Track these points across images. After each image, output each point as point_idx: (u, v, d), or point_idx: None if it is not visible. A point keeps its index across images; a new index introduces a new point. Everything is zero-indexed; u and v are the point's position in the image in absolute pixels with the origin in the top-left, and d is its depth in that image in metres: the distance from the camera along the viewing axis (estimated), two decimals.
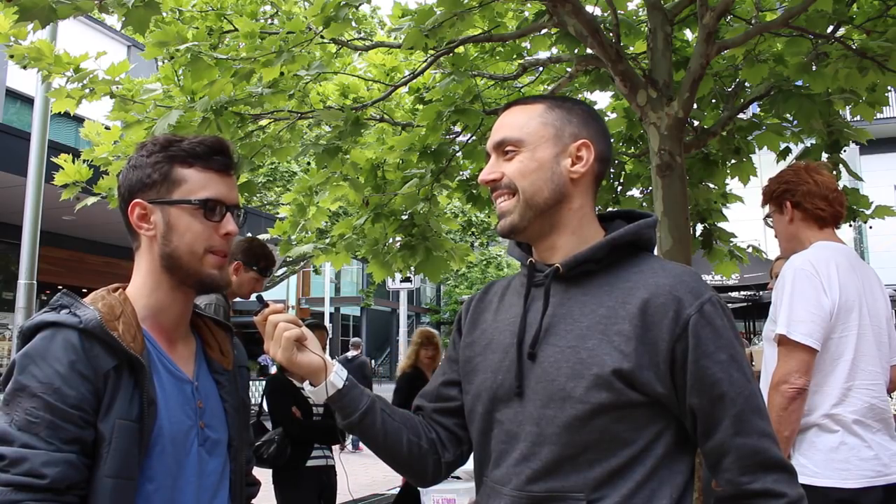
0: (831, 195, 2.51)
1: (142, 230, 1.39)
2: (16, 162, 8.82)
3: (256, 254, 3.47)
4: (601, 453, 1.23)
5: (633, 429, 1.24)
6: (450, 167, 4.51)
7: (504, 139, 1.35)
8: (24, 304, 5.89)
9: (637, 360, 1.22)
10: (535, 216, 1.33)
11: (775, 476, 1.23)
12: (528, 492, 1.25)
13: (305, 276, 28.45)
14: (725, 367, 1.23)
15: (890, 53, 3.53)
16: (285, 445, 3.94)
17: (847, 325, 2.33)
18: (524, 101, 1.40)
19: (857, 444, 2.28)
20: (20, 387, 1.23)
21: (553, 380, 1.25)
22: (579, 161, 1.33)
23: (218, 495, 1.40)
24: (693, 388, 1.23)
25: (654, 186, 3.33)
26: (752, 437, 1.23)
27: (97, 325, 1.26)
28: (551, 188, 1.32)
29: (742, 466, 1.23)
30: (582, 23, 3.27)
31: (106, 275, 12.06)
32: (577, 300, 1.30)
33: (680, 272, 1.29)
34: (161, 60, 4.03)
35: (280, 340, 1.33)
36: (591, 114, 1.39)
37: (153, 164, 1.39)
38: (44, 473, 1.18)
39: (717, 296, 1.29)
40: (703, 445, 1.27)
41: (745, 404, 1.24)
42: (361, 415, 1.37)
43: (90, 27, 15.99)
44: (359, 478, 9.44)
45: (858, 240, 18.24)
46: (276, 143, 4.25)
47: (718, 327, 1.24)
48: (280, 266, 18.92)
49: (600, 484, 1.22)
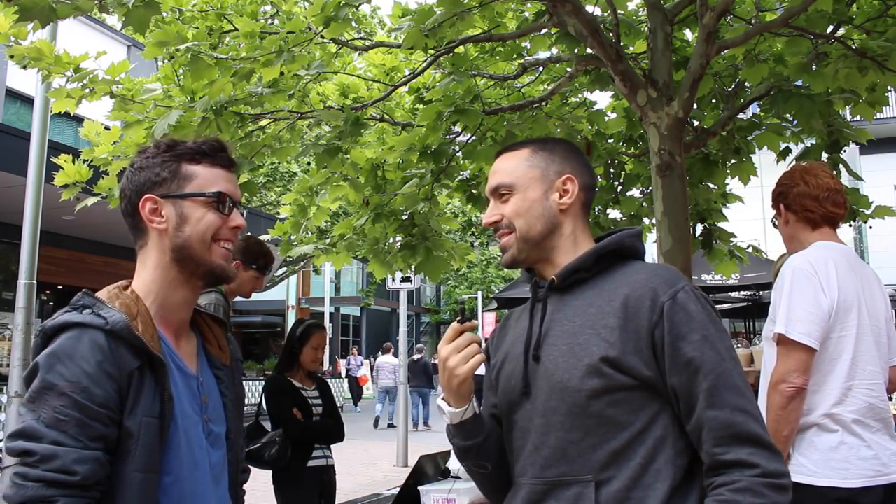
0: (822, 195, 2.51)
1: (153, 223, 1.43)
2: (16, 162, 8.82)
3: (255, 252, 3.48)
4: (601, 437, 1.34)
5: (629, 412, 1.35)
6: (450, 167, 4.51)
7: (499, 185, 1.54)
8: (24, 304, 5.89)
9: (622, 347, 1.35)
10: (531, 248, 1.51)
11: (750, 449, 1.28)
12: (543, 478, 1.38)
13: (305, 276, 28.45)
14: (698, 346, 1.33)
15: (890, 53, 3.53)
16: (286, 447, 3.93)
17: (846, 325, 2.34)
18: (512, 147, 1.59)
19: (857, 443, 2.28)
20: (48, 385, 1.26)
21: (553, 374, 1.40)
22: (566, 193, 1.52)
23: (221, 484, 1.47)
24: (671, 369, 1.34)
25: (654, 186, 3.33)
26: (725, 410, 1.30)
27: (124, 327, 1.31)
28: (543, 222, 1.51)
29: (715, 438, 1.30)
30: (582, 23, 3.27)
31: (106, 275, 12.04)
32: (572, 304, 1.45)
33: (656, 268, 1.45)
34: (161, 60, 4.03)
35: (469, 358, 1.44)
36: (572, 149, 1.58)
37: (161, 163, 1.45)
38: (75, 470, 1.22)
39: (692, 286, 1.41)
40: (686, 426, 1.35)
41: (716, 380, 1.31)
42: (484, 438, 1.51)
43: (90, 27, 15.99)
44: (359, 478, 9.44)
45: (858, 240, 18.24)
46: (276, 143, 4.25)
47: (691, 311, 1.36)
48: (280, 266, 18.93)
49: (605, 466, 1.33)
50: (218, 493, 1.45)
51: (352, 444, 11.06)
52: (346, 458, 5.28)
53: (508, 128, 4.28)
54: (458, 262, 5.05)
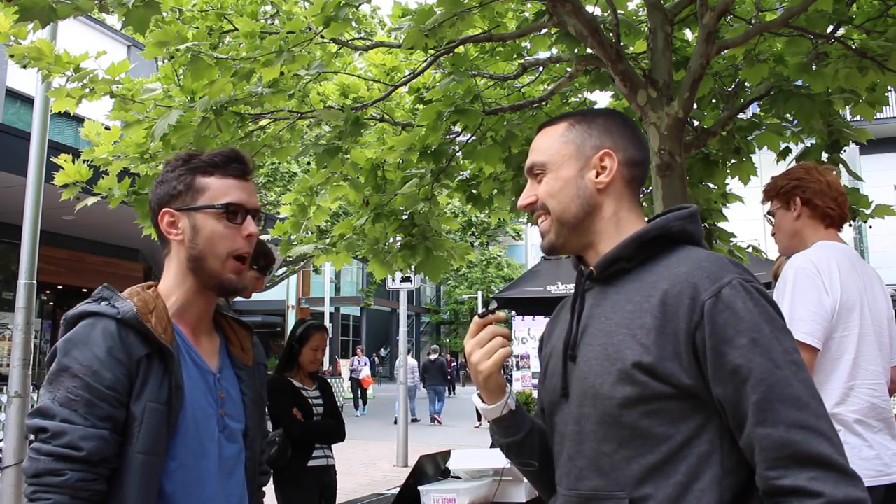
0: (840, 197, 2.52)
1: (171, 235, 1.54)
2: (16, 162, 8.81)
3: (255, 252, 3.47)
4: (636, 449, 1.21)
5: (667, 423, 1.20)
6: (450, 167, 4.51)
7: (533, 164, 1.41)
8: (24, 304, 5.88)
9: (658, 352, 1.20)
10: (569, 232, 1.38)
11: (812, 473, 1.10)
12: (577, 490, 1.28)
13: (305, 276, 28.46)
14: (745, 353, 1.16)
15: (890, 53, 3.54)
16: (287, 446, 3.93)
17: (848, 325, 2.34)
18: (549, 122, 1.45)
19: (859, 443, 2.28)
20: (63, 368, 1.38)
21: (585, 378, 1.28)
22: (603, 171, 1.36)
23: (233, 477, 1.53)
24: (715, 378, 1.18)
25: (654, 186, 3.33)
26: (779, 427, 1.12)
27: (133, 317, 1.41)
28: (578, 203, 1.36)
29: (768, 460, 1.13)
30: (582, 23, 3.27)
31: (106, 275, 12.05)
32: (611, 299, 1.32)
33: (702, 258, 1.26)
34: (161, 60, 4.03)
35: (493, 353, 1.36)
36: (615, 121, 1.41)
37: (177, 176, 1.54)
38: (81, 446, 1.33)
39: (741, 278, 1.22)
40: (739, 442, 1.19)
41: (768, 391, 1.14)
42: (525, 435, 1.43)
43: (90, 27, 15.99)
44: (359, 478, 9.44)
45: (858, 239, 18.24)
46: (276, 143, 4.25)
47: (738, 310, 1.18)
48: (280, 266, 18.94)
49: (641, 482, 1.20)
50: (228, 485, 1.51)
51: (352, 444, 11.07)
52: (346, 458, 5.28)
53: (508, 128, 4.28)
54: (458, 261, 5.05)
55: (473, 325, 1.38)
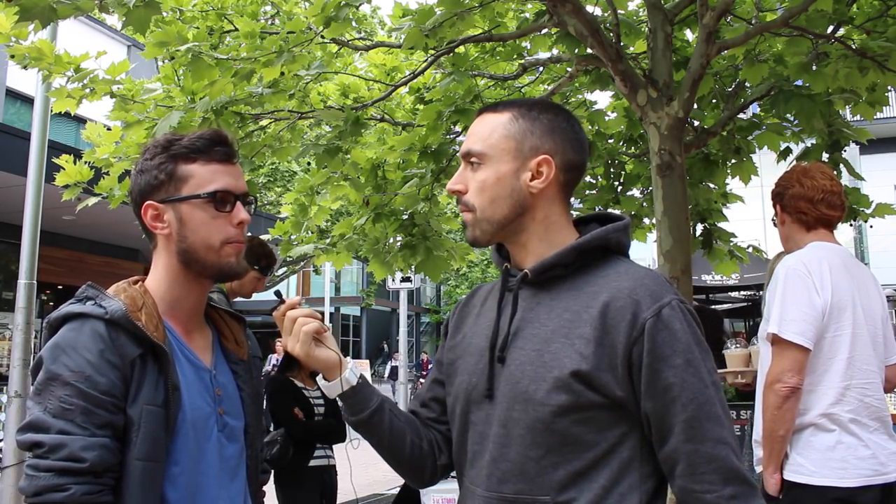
0: (817, 197, 2.52)
1: (157, 230, 1.43)
2: (16, 162, 8.81)
3: (257, 253, 3.47)
4: (564, 455, 1.24)
5: (595, 431, 1.24)
6: (450, 167, 4.51)
7: (469, 150, 1.36)
8: (24, 304, 5.88)
9: (595, 362, 1.22)
10: (495, 230, 1.35)
11: (733, 489, 1.19)
12: (500, 493, 1.27)
13: (305, 276, 28.47)
14: (679, 372, 1.21)
15: (890, 53, 3.54)
16: (288, 446, 3.94)
17: (840, 325, 2.35)
18: (493, 107, 1.40)
19: (854, 443, 2.29)
20: (52, 376, 1.28)
21: (518, 382, 1.27)
22: (539, 176, 1.33)
23: (236, 479, 1.46)
24: (647, 393, 1.22)
25: (654, 186, 3.33)
26: (706, 443, 1.20)
27: (122, 316, 1.31)
28: (510, 203, 1.33)
29: (694, 474, 1.20)
30: (582, 23, 3.27)
31: (106, 275, 12.06)
32: (545, 304, 1.32)
33: (642, 275, 1.29)
34: (161, 60, 4.02)
35: (299, 335, 1.35)
36: (559, 121, 1.37)
37: (157, 165, 1.42)
38: (83, 457, 1.23)
39: (679, 299, 1.27)
40: (658, 453, 1.25)
41: (697, 410, 1.21)
42: (371, 413, 1.39)
43: (90, 27, 15.99)
44: (358, 478, 9.43)
45: (858, 239, 18.24)
46: (276, 143, 4.25)
47: (676, 331, 1.23)
48: (280, 266, 18.93)
49: (565, 487, 1.23)
50: (232, 487, 1.43)
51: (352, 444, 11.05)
52: (346, 457, 5.26)
53: None
54: (458, 261, 5.05)
55: (278, 323, 1.38)
